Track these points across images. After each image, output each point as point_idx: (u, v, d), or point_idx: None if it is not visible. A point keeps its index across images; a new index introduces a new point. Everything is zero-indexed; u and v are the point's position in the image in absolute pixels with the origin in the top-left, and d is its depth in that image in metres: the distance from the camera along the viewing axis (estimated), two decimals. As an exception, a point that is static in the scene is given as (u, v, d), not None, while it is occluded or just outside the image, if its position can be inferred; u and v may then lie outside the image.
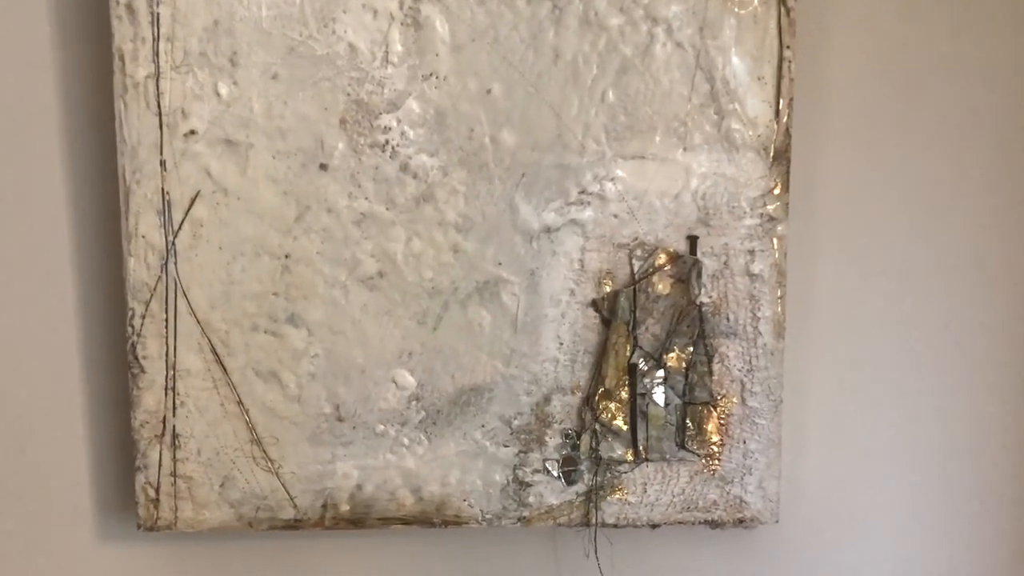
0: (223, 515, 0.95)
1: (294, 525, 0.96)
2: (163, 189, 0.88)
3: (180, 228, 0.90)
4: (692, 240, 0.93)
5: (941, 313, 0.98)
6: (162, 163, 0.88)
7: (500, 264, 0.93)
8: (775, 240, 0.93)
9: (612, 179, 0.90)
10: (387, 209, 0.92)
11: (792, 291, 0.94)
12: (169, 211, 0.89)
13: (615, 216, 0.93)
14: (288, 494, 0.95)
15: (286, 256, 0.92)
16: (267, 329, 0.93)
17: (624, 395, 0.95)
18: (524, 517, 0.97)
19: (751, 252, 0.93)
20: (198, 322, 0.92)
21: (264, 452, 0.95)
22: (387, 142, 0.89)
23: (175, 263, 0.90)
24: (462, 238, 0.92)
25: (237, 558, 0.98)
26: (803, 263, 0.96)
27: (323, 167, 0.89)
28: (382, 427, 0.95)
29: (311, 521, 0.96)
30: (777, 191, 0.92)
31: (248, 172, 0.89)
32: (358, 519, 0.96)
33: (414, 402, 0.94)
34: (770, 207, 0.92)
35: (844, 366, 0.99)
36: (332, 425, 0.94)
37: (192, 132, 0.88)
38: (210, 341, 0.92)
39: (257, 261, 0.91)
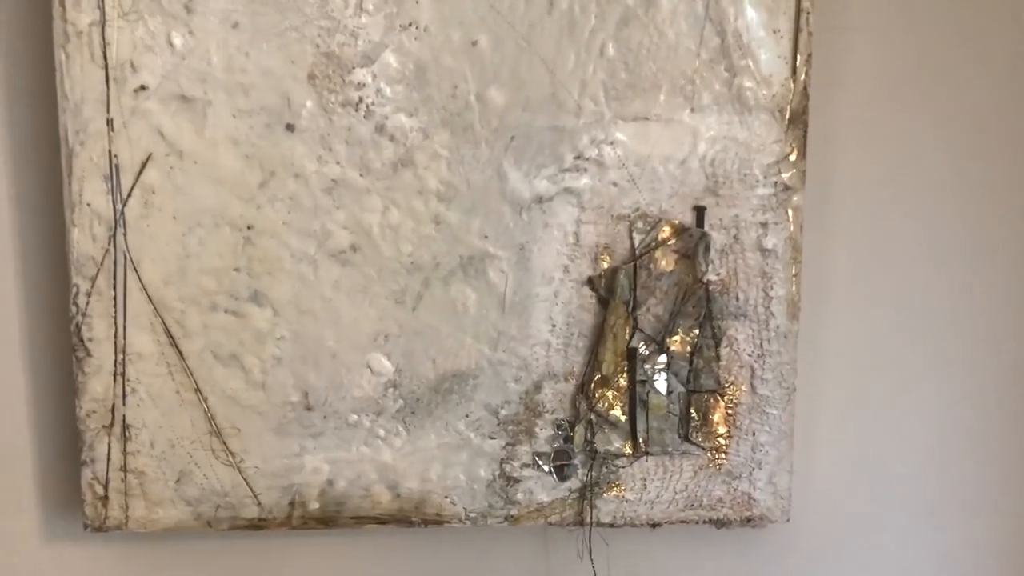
0: (179, 514, 0.87)
1: (258, 525, 0.88)
2: (110, 151, 0.81)
3: (130, 195, 0.82)
4: (699, 211, 0.85)
5: (971, 295, 0.92)
6: (109, 122, 0.81)
7: (486, 237, 0.85)
8: (790, 212, 0.85)
9: (611, 143, 0.84)
10: (361, 175, 0.83)
11: (808, 268, 0.87)
12: (117, 176, 0.82)
13: (614, 184, 0.84)
14: (251, 490, 0.87)
15: (248, 227, 0.83)
16: (227, 308, 0.84)
17: (622, 382, 0.87)
18: (512, 516, 0.89)
19: (764, 225, 0.85)
20: (150, 300, 0.83)
21: (224, 444, 0.86)
22: (361, 100, 0.82)
23: (124, 234, 0.83)
24: (444, 208, 0.84)
25: (195, 561, 0.92)
26: (821, 237, 0.90)
27: (289, 128, 0.82)
28: (355, 417, 0.86)
29: (277, 520, 0.88)
30: (793, 157, 0.84)
31: (206, 133, 0.82)
32: (329, 518, 0.88)
33: (391, 389, 0.86)
34: (785, 175, 0.85)
35: (863, 351, 0.93)
36: (300, 415, 0.86)
37: (143, 88, 0.81)
38: (164, 321, 0.84)
39: (216, 232, 0.83)
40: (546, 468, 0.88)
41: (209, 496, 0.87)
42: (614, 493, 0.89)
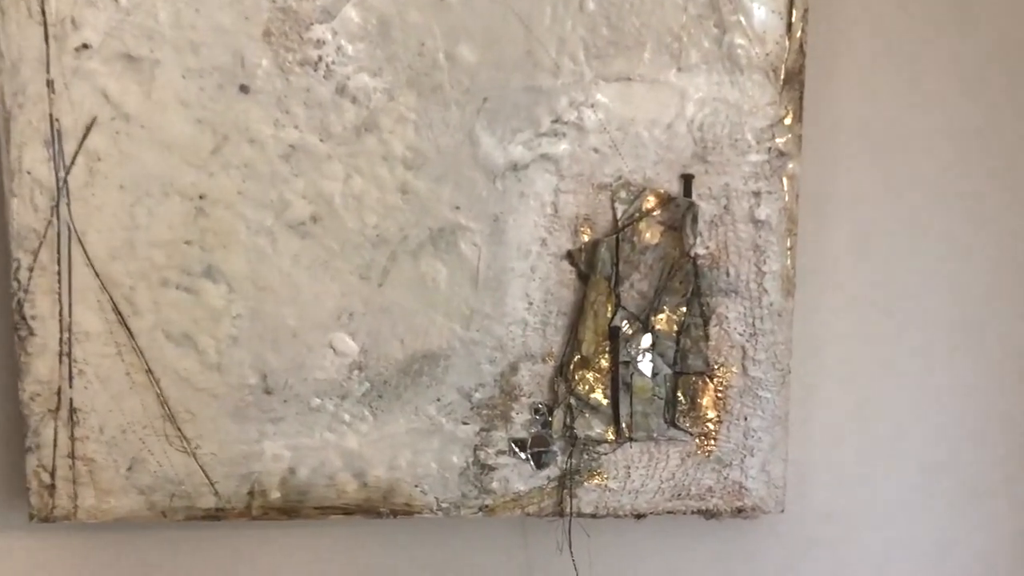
0: (131, 503, 0.82)
1: (215, 515, 0.83)
2: (51, 115, 0.76)
3: (73, 163, 0.77)
4: (687, 179, 0.79)
5: (977, 272, 0.86)
6: (49, 83, 0.76)
7: (458, 208, 0.79)
8: (785, 180, 0.80)
9: (592, 105, 0.78)
10: (321, 140, 0.78)
11: (804, 241, 0.83)
12: (59, 142, 0.76)
13: (595, 150, 0.79)
14: (208, 479, 0.82)
15: (200, 196, 0.78)
16: (179, 284, 0.79)
17: (604, 364, 0.81)
18: (487, 506, 0.83)
19: (756, 194, 0.80)
20: (97, 275, 0.78)
21: (179, 430, 0.81)
22: (320, 59, 0.77)
23: (68, 205, 0.77)
24: (412, 176, 0.78)
25: (149, 553, 0.87)
26: (818, 208, 0.85)
27: (243, 89, 0.77)
28: (318, 401, 0.81)
29: (236, 510, 0.83)
30: (788, 121, 0.79)
31: (154, 95, 0.77)
32: (291, 508, 0.83)
33: (356, 371, 0.81)
34: (779, 140, 0.79)
35: (863, 330, 0.88)
36: (258, 398, 0.81)
37: (85, 46, 0.76)
38: (112, 298, 0.78)
39: (166, 202, 0.78)
40: (523, 455, 0.83)
41: (163, 484, 0.82)
42: (596, 482, 0.84)
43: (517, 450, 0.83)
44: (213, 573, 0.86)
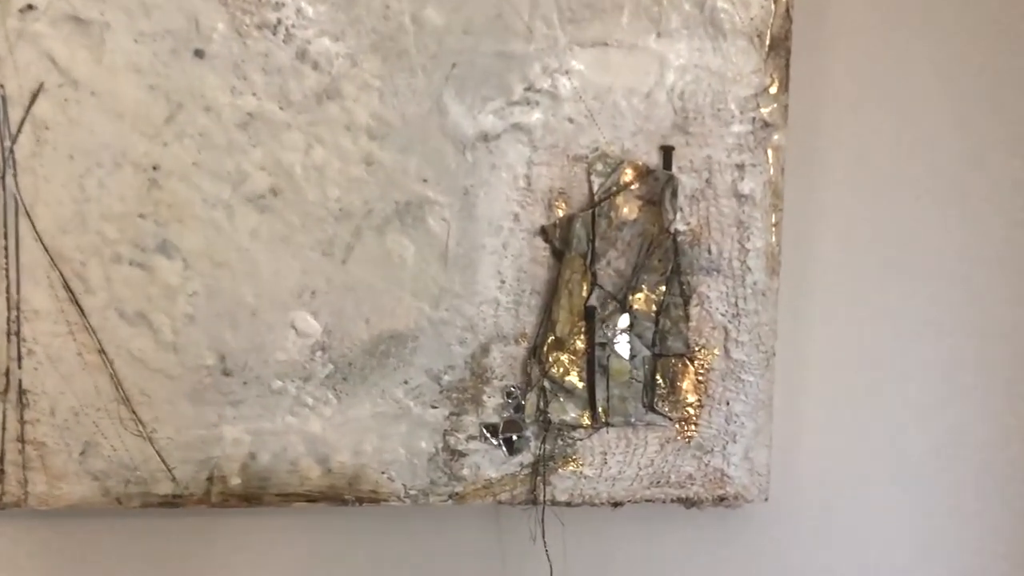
0: (85, 489, 0.78)
1: (173, 502, 0.79)
2: None
3: (19, 131, 0.73)
4: (666, 151, 0.75)
5: (970, 250, 0.84)
6: None
7: (425, 180, 0.75)
8: (770, 152, 0.76)
9: (566, 72, 0.75)
10: (280, 108, 0.74)
11: (790, 217, 0.80)
12: (4, 109, 0.73)
13: (570, 120, 0.75)
14: (164, 464, 0.78)
15: (154, 167, 0.74)
16: (133, 260, 0.75)
17: (580, 345, 0.77)
18: (457, 493, 0.79)
19: (740, 167, 0.76)
20: (46, 250, 0.74)
21: (133, 413, 0.77)
22: (279, 22, 0.73)
23: (14, 175, 0.74)
24: (377, 147, 0.74)
25: (104, 541, 0.83)
26: (804, 182, 0.81)
27: (198, 54, 0.73)
28: (279, 383, 0.77)
29: (194, 497, 0.79)
30: (774, 90, 0.75)
31: (104, 60, 0.73)
32: (252, 495, 0.79)
33: (319, 352, 0.77)
34: (764, 110, 0.75)
35: (851, 311, 0.84)
36: (217, 380, 0.77)
37: (30, 7, 0.72)
38: (62, 275, 0.75)
39: (118, 173, 0.74)
40: (495, 441, 0.79)
41: (117, 470, 0.78)
42: (571, 468, 0.80)
43: (488, 435, 0.79)
44: (171, 562, 0.83)
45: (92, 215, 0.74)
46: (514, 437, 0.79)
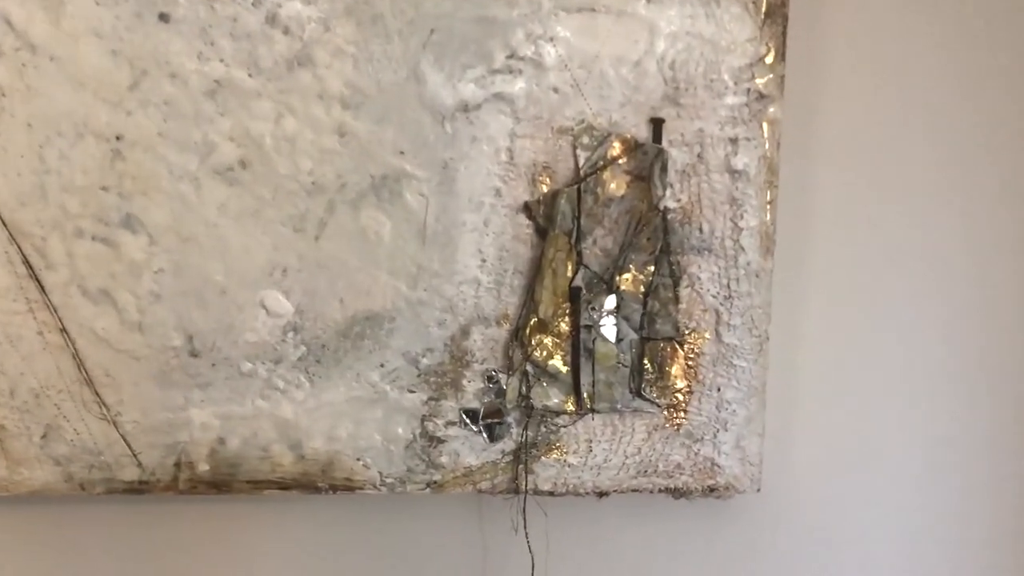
0: (47, 474, 0.75)
1: (139, 488, 0.76)
2: None
3: None
4: (656, 124, 0.72)
5: (973, 229, 0.80)
6: None
7: (402, 153, 0.71)
8: (765, 125, 0.73)
9: (551, 39, 0.71)
10: (250, 75, 0.70)
11: (785, 194, 0.76)
12: None
13: (555, 90, 0.71)
14: (130, 449, 0.75)
15: (117, 137, 0.71)
16: (96, 235, 0.72)
17: (564, 328, 0.73)
18: (435, 482, 0.76)
19: (733, 141, 0.73)
20: (4, 224, 0.72)
21: (97, 395, 0.74)
22: None
23: None
24: (351, 117, 0.70)
25: (67, 528, 0.80)
26: (801, 157, 0.78)
27: (163, 18, 0.70)
28: (249, 365, 0.74)
29: (161, 484, 0.76)
30: (770, 59, 0.72)
31: (63, 23, 0.70)
32: (221, 482, 0.76)
33: (291, 333, 0.73)
34: (760, 81, 0.72)
35: (849, 295, 0.81)
36: (184, 361, 0.73)
37: None
38: (21, 250, 0.72)
39: (80, 144, 0.71)
40: (475, 427, 0.75)
41: (81, 455, 0.75)
42: (554, 456, 0.76)
43: (468, 421, 0.75)
44: (138, 552, 0.79)
45: (53, 187, 0.71)
46: (495, 423, 0.75)
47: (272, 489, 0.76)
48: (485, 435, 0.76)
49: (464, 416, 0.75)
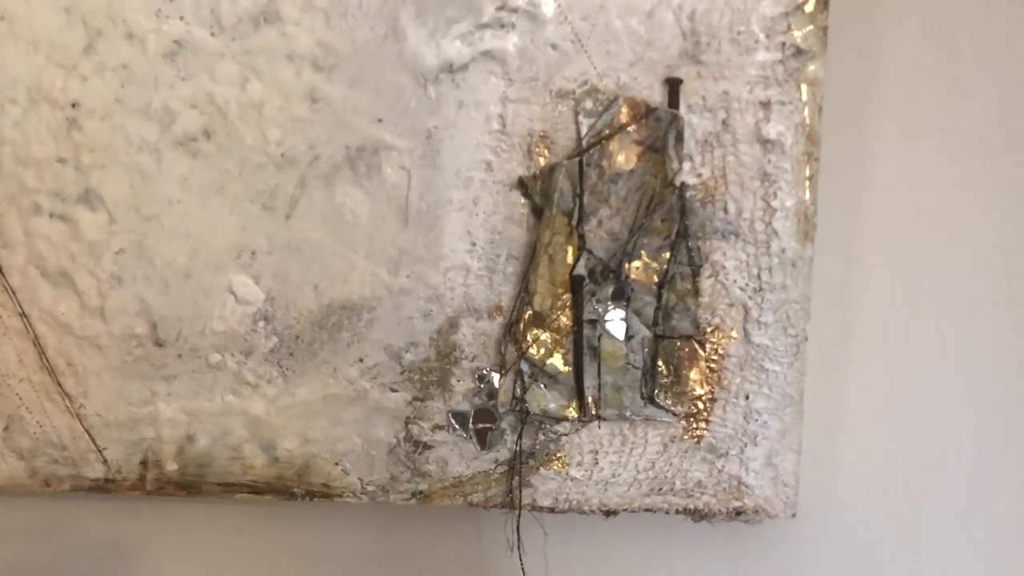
0: (9, 469, 0.69)
1: (105, 487, 0.69)
2: None
3: None
4: (672, 85, 0.61)
5: None
6: None
7: (380, 121, 0.62)
8: (804, 87, 0.60)
9: None
10: (212, 34, 0.62)
11: (828, 168, 0.63)
12: None
13: (553, 47, 0.61)
14: (94, 444, 0.68)
15: (73, 105, 0.64)
16: (53, 212, 0.65)
17: (564, 321, 0.63)
18: (421, 492, 0.67)
19: (765, 105, 0.61)
20: None
21: (59, 385, 0.67)
22: None
23: None
24: (323, 80, 0.62)
25: (30, 526, 0.74)
26: (846, 125, 0.64)
27: None
28: (218, 356, 0.66)
29: (128, 483, 0.69)
30: (809, 7, 0.59)
31: None
32: (190, 483, 0.68)
33: (262, 322, 0.65)
34: (797, 33, 0.59)
35: (902, 288, 0.67)
36: (149, 351, 0.66)
37: None
38: None
39: (34, 112, 0.64)
40: (464, 432, 0.66)
41: (44, 448, 0.69)
42: (555, 468, 0.66)
43: (457, 425, 0.66)
44: (107, 552, 0.73)
45: (6, 159, 0.64)
46: (487, 429, 0.66)
47: (244, 493, 0.68)
48: (476, 441, 0.66)
49: (452, 419, 0.66)
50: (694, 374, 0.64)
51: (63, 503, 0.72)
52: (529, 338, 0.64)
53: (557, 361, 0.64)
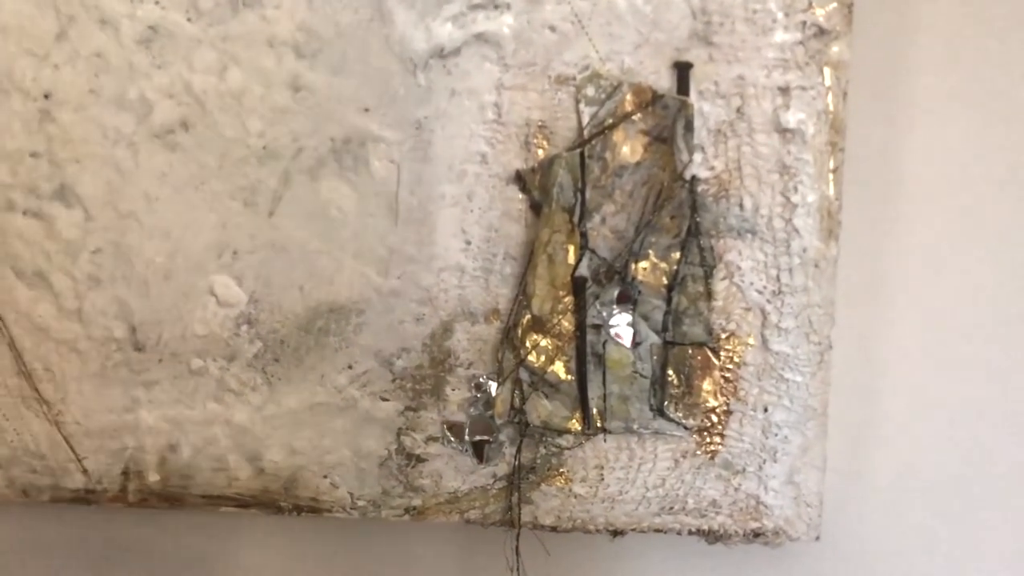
0: (-14, 478, 0.65)
1: (86, 498, 0.66)
2: None
3: None
4: (682, 69, 0.56)
5: None
6: None
7: (367, 110, 0.58)
8: (827, 70, 0.55)
9: None
10: (189, 20, 0.58)
11: (854, 160, 0.58)
12: None
13: (552, 28, 0.56)
14: (74, 453, 0.65)
15: (46, 96, 0.60)
16: (27, 209, 0.62)
17: (566, 326, 0.58)
18: (415, 507, 0.63)
19: (784, 91, 0.56)
20: None
21: (36, 391, 0.64)
22: None
23: None
24: (306, 67, 0.58)
25: (9, 539, 0.70)
26: (875, 112, 0.59)
27: None
28: (200, 362, 0.62)
29: (109, 494, 0.66)
30: (833, -18, 0.53)
31: None
32: (173, 495, 0.65)
33: (245, 326, 0.62)
34: (820, 11, 0.55)
35: (934, 291, 0.62)
36: (128, 356, 0.63)
37: None
38: None
39: (6, 103, 0.61)
40: (460, 445, 0.61)
41: (22, 457, 0.65)
42: (557, 484, 0.62)
43: (452, 437, 0.61)
44: (87, 565, 0.69)
45: (-21, 153, 0.61)
46: (484, 441, 0.61)
47: (229, 506, 0.64)
48: (473, 454, 0.62)
49: (447, 431, 0.61)
50: (707, 384, 0.59)
51: (41, 513, 0.69)
52: (528, 344, 0.59)
53: (559, 369, 0.59)
